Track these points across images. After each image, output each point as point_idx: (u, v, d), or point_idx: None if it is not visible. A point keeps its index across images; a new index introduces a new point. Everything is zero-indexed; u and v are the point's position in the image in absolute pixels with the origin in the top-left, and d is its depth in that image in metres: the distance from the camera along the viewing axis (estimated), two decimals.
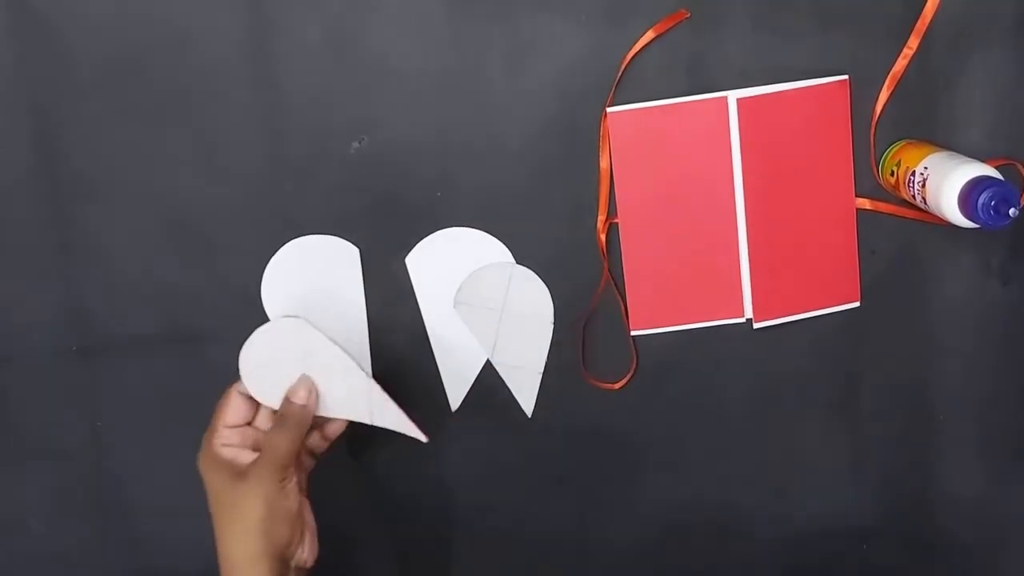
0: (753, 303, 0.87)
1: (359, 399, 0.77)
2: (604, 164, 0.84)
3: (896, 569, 0.93)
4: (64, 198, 0.85)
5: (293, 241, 0.85)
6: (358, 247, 0.86)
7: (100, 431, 0.88)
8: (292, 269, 0.86)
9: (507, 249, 0.86)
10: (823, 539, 0.92)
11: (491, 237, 0.85)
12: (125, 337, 0.87)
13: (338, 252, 0.86)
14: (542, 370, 0.87)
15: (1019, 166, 0.85)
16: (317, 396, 0.77)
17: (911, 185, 0.81)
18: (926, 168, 0.79)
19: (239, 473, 0.74)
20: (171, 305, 0.86)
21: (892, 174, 0.83)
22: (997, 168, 0.79)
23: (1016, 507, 0.92)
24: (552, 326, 0.87)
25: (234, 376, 0.77)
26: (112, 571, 0.90)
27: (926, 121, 0.85)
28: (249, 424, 0.77)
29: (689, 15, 0.82)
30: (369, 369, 0.87)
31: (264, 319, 0.86)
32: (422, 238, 0.86)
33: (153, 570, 0.90)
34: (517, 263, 0.86)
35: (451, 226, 0.86)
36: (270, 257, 0.86)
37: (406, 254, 0.86)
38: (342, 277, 0.86)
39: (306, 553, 0.76)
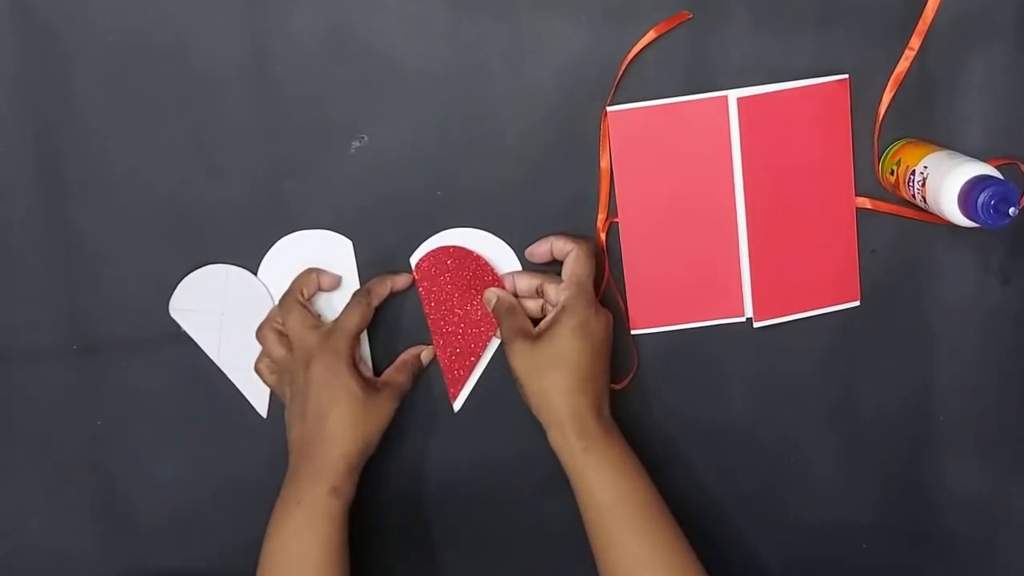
0: (753, 302, 0.87)
1: None
2: (604, 163, 0.84)
3: (896, 568, 0.93)
4: (64, 198, 0.85)
5: (287, 236, 0.86)
6: (353, 243, 0.86)
7: (100, 431, 0.88)
8: (287, 264, 0.86)
9: (512, 250, 0.86)
10: (823, 538, 0.92)
11: (496, 238, 0.85)
12: (125, 337, 0.87)
13: (332, 245, 0.86)
14: None
15: (1020, 165, 0.85)
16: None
17: (911, 184, 0.81)
18: (926, 167, 0.79)
19: (371, 385, 0.82)
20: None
21: (892, 173, 0.83)
22: (997, 168, 0.79)
23: (1016, 506, 0.92)
24: None
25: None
26: (112, 571, 0.90)
27: (926, 120, 0.85)
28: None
29: (691, 16, 0.82)
30: (370, 366, 0.87)
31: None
32: (422, 237, 0.86)
33: (153, 570, 0.90)
34: (519, 262, 0.86)
35: (451, 226, 0.86)
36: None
37: (406, 253, 0.86)
38: (337, 270, 0.86)
39: None
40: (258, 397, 0.88)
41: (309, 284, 0.84)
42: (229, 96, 0.83)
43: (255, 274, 0.86)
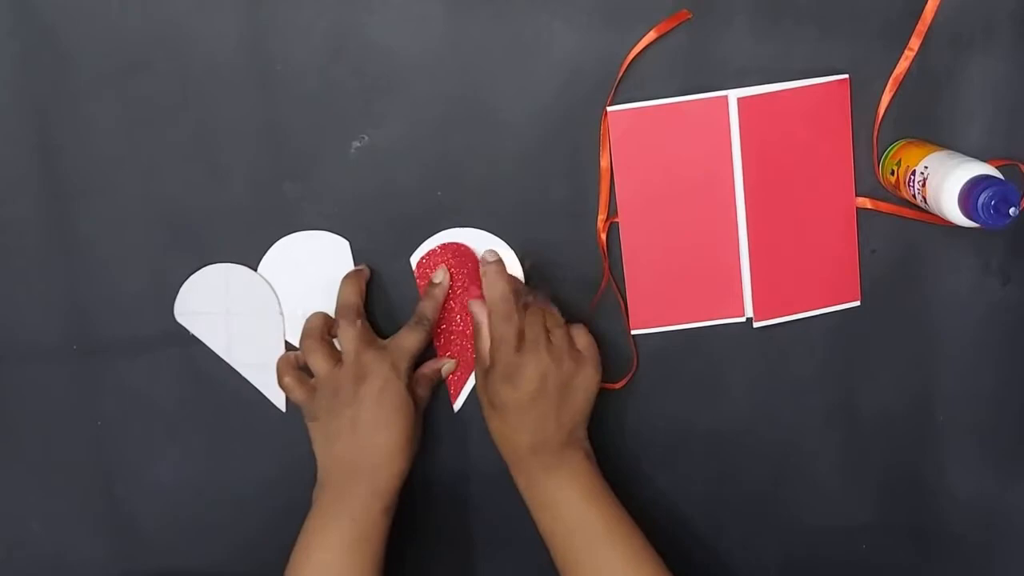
0: (753, 302, 0.87)
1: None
2: (604, 163, 0.84)
3: (896, 568, 0.93)
4: (64, 198, 0.85)
5: (284, 238, 0.85)
6: (353, 244, 0.85)
7: (100, 431, 0.88)
8: (286, 265, 0.86)
9: (512, 250, 0.86)
10: (822, 537, 0.92)
11: (496, 238, 0.86)
12: (125, 337, 0.87)
13: (329, 246, 0.86)
14: None
15: (1020, 166, 0.85)
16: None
17: (911, 184, 0.81)
18: (926, 167, 0.80)
19: (418, 409, 0.83)
20: (171, 305, 0.86)
21: (892, 173, 0.83)
22: (998, 168, 0.79)
23: (1016, 506, 0.92)
24: (282, 318, 0.86)
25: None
26: (112, 571, 0.90)
27: (926, 120, 0.85)
28: None
29: (691, 16, 0.82)
30: None
31: None
32: (422, 237, 0.86)
33: (153, 571, 0.90)
34: (519, 262, 0.86)
35: (451, 226, 0.86)
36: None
37: (406, 253, 0.86)
38: (335, 271, 0.85)
39: None
40: (275, 392, 0.87)
41: (360, 294, 0.84)
42: (229, 96, 0.83)
43: None
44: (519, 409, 0.80)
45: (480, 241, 0.86)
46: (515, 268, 0.86)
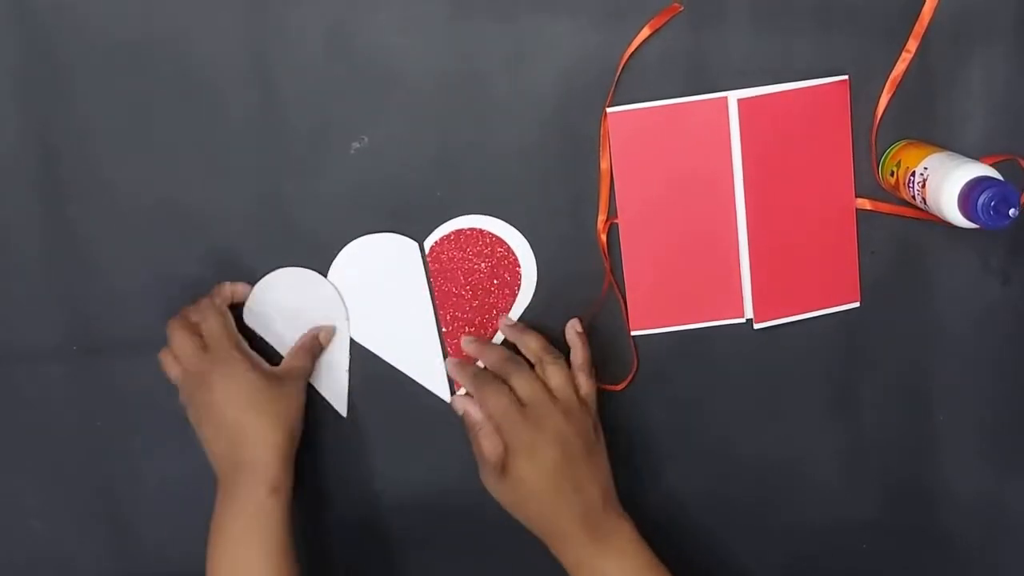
0: (753, 303, 0.87)
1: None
2: (604, 164, 0.84)
3: (896, 568, 0.93)
4: (64, 198, 0.85)
5: (354, 241, 0.85)
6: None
7: (100, 431, 0.88)
8: (356, 268, 0.86)
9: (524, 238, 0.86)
10: (823, 537, 0.92)
11: (509, 226, 0.86)
12: (125, 337, 0.87)
13: (399, 248, 0.86)
14: (347, 367, 0.88)
15: (1019, 160, 0.85)
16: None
17: (911, 185, 0.81)
18: (926, 168, 0.79)
19: (274, 376, 0.83)
20: (171, 305, 0.86)
21: (892, 174, 0.83)
22: (996, 164, 0.79)
23: (1016, 506, 0.92)
24: (347, 323, 0.87)
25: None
26: (111, 572, 0.91)
27: (926, 121, 0.85)
28: None
29: (682, 8, 0.82)
30: (440, 359, 0.87)
31: None
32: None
33: (153, 571, 0.90)
34: (531, 248, 0.86)
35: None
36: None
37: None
38: (404, 273, 0.86)
39: None
40: (337, 397, 0.88)
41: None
42: (229, 97, 0.83)
43: (260, 277, 0.86)
44: (551, 480, 0.78)
45: (494, 228, 0.86)
46: (526, 252, 0.86)
